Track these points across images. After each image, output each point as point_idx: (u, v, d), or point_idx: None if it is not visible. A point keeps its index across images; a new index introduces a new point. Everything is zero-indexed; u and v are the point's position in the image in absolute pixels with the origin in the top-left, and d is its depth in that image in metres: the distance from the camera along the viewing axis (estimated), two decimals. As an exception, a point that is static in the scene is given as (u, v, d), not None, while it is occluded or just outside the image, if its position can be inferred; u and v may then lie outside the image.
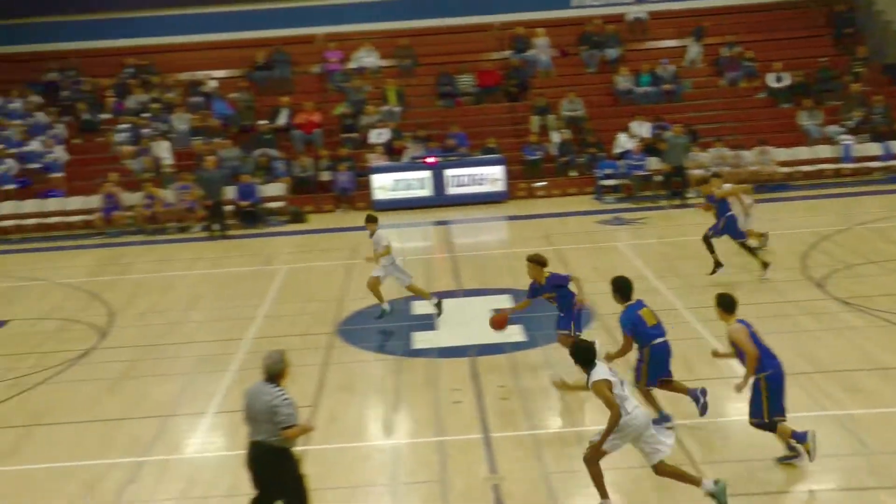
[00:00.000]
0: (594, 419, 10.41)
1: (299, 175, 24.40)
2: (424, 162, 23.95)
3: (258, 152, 24.63)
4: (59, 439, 10.91)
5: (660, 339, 9.79)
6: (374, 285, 14.07)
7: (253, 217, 22.92)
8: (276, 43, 28.00)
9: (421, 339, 13.61)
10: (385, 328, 14.07)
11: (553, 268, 11.88)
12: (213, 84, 27.35)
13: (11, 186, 24.11)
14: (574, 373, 8.72)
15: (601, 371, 8.10)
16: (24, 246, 22.32)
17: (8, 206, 23.71)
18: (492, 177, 23.97)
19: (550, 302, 11.63)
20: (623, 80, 26.60)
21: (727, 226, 15.23)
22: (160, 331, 14.86)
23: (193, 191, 22.71)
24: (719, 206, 15.29)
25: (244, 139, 25.40)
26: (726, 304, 9.09)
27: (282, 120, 25.81)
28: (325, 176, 24.42)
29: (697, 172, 23.12)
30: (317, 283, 16.84)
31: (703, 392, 9.83)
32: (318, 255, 19.25)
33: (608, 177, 23.82)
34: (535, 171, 24.71)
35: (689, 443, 9.33)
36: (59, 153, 24.80)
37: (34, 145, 24.83)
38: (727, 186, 15.79)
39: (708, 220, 15.63)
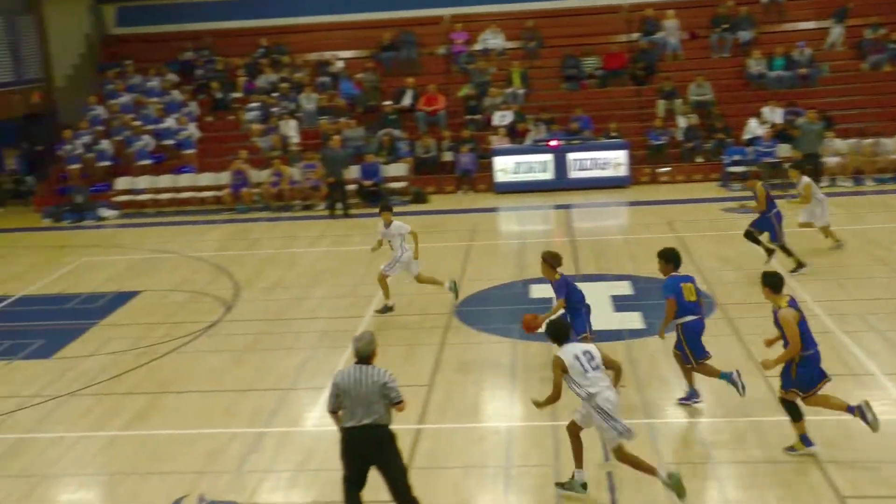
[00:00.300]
0: (712, 411, 10.21)
1: (422, 156, 24.56)
2: (547, 145, 23.76)
3: (382, 132, 24.90)
4: (185, 407, 11.31)
5: (693, 317, 9.98)
6: (382, 279, 14.08)
7: (375, 196, 23.19)
8: (403, 24, 28.21)
9: (539, 323, 13.54)
10: (502, 310, 14.06)
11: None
12: (340, 64, 27.76)
13: (147, 162, 25.03)
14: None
15: (565, 350, 8.42)
16: (158, 220, 23.16)
17: (144, 181, 24.64)
18: (615, 161, 23.59)
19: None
20: (755, 64, 25.77)
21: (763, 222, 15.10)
22: (284, 305, 15.21)
23: (318, 169, 23.12)
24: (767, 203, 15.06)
25: (369, 119, 25.71)
26: (774, 284, 9.03)
27: (406, 101, 26.00)
28: (448, 157, 24.52)
29: (832, 160, 22.29)
30: (436, 264, 16.92)
31: (738, 374, 9.99)
32: (439, 235, 19.34)
33: (736, 163, 23.15)
34: (660, 157, 24.21)
35: (819, 440, 9.02)
36: (192, 130, 25.60)
37: (169, 122, 25.68)
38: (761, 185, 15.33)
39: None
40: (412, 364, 12.14)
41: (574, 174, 23.63)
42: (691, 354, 10.03)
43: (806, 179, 15.83)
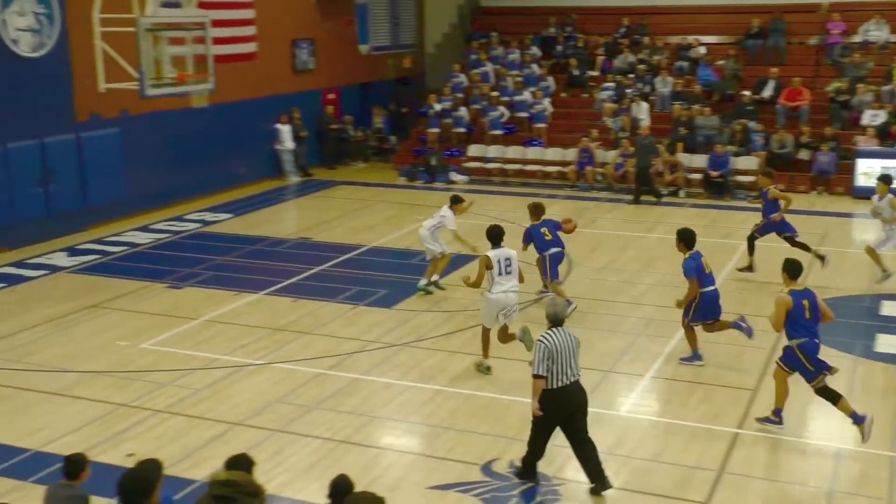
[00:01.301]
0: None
1: (776, 151, 23.36)
2: (921, 151, 21.74)
3: (737, 123, 23.98)
4: (507, 373, 11.60)
5: (710, 287, 11.56)
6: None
7: (721, 188, 22.46)
8: (775, 10, 26.88)
9: (886, 343, 12.54)
10: (845, 324, 13.13)
11: None
12: (701, 49, 27.04)
13: (499, 132, 25.88)
14: None
15: (494, 251, 11.30)
16: (502, 189, 23.92)
17: (494, 150, 25.51)
18: None
19: None
20: None
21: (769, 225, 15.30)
22: (611, 288, 15.20)
23: (663, 155, 22.76)
24: (770, 205, 15.22)
25: (724, 108, 24.86)
26: (791, 270, 9.91)
27: (767, 92, 24.83)
28: (804, 155, 23.15)
29: None
30: (776, 265, 16.11)
31: (743, 318, 11.67)
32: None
33: None
34: None
35: None
36: (546, 105, 26.09)
37: (525, 95, 26.34)
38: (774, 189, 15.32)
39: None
40: (739, 369, 11.72)
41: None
42: (692, 315, 11.61)
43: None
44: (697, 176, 22.84)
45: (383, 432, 10.21)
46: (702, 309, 11.54)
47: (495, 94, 26.59)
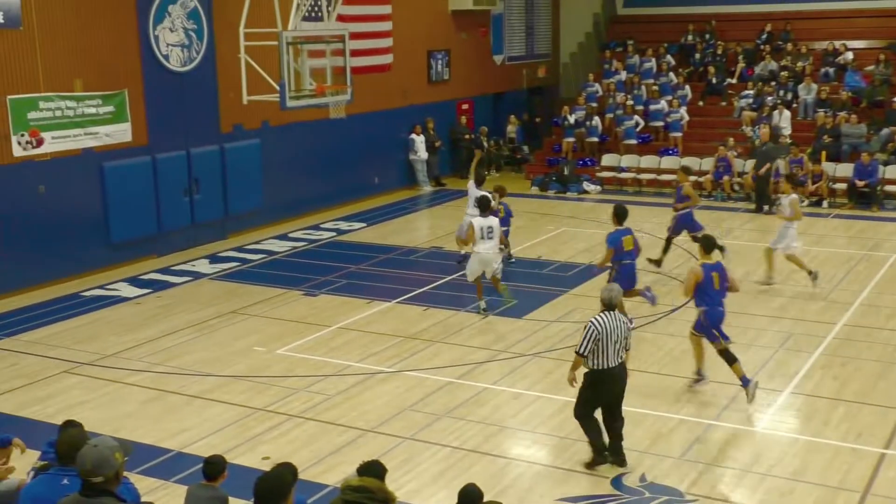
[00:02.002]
0: None
1: (929, 159, 22.29)
2: None
3: (886, 131, 22.97)
4: (639, 386, 11.35)
5: (628, 261, 13.00)
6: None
7: (868, 198, 21.54)
8: (930, 13, 25.70)
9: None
10: None
11: None
12: (849, 55, 26.03)
13: (633, 141, 25.51)
14: None
15: (478, 218, 14.06)
16: (635, 198, 23.56)
17: (628, 160, 25.17)
18: None
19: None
20: None
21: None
22: (749, 300, 14.74)
23: (806, 164, 21.98)
24: (681, 200, 16.29)
25: (873, 115, 23.86)
26: (705, 246, 11.28)
27: (919, 98, 23.73)
28: (960, 163, 21.99)
29: None
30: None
31: (648, 288, 13.42)
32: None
33: None
34: None
35: None
36: (683, 114, 25.60)
37: (661, 104, 25.91)
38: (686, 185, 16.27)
39: None
40: (885, 381, 11.21)
41: None
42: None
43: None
44: (842, 186, 21.98)
45: (512, 442, 10.17)
46: (617, 279, 12.74)
47: (630, 103, 26.26)
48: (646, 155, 25.17)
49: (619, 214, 13.23)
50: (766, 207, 21.26)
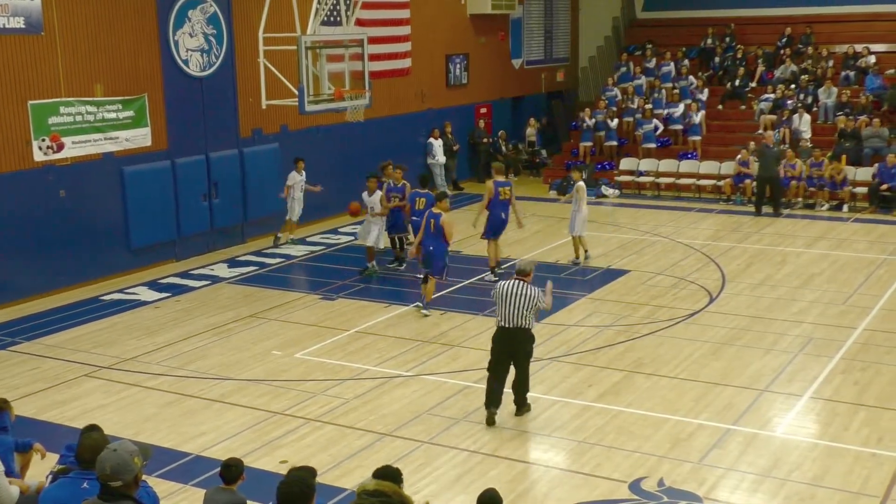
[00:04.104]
0: None
1: (951, 163, 22.09)
2: None
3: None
4: (657, 390, 11.41)
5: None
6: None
7: (890, 201, 21.38)
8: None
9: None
10: None
11: None
12: (870, 59, 25.86)
13: (652, 145, 25.43)
14: None
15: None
16: (654, 202, 23.51)
17: (647, 164, 25.09)
18: None
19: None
20: None
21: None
22: (769, 304, 14.69)
23: (826, 168, 21.84)
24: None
25: (894, 119, 23.69)
26: (438, 197, 14.83)
27: (941, 101, 23.55)
28: (983, 167, 21.79)
29: None
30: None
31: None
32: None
33: None
34: None
35: None
36: (702, 118, 25.50)
37: (680, 108, 25.82)
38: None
39: None
40: (905, 389, 11.13)
41: None
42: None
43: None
44: (862, 189, 21.85)
45: (530, 446, 10.16)
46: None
47: (649, 107, 26.19)
48: (664, 159, 25.09)
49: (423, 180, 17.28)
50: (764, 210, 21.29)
